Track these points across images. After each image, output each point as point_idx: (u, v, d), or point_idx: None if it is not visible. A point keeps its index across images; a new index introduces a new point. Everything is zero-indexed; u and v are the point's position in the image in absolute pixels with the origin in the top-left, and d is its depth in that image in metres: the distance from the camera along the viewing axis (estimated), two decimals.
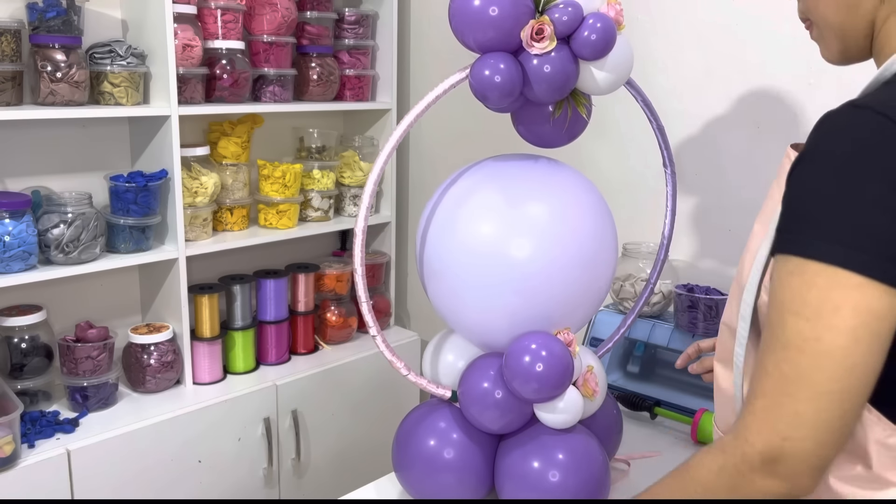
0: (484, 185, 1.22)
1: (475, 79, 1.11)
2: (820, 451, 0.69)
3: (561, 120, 1.19)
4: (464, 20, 1.10)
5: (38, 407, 1.71)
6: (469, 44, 1.13)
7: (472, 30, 1.10)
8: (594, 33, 1.08)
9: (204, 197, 1.86)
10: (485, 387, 1.18)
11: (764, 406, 0.71)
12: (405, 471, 1.27)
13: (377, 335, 1.20)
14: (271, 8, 1.94)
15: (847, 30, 0.82)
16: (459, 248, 1.18)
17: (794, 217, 0.72)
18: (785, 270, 0.71)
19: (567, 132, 1.23)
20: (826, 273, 0.68)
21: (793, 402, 0.69)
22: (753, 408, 0.72)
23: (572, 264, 1.17)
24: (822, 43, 0.87)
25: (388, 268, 2.32)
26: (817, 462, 0.70)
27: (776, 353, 0.71)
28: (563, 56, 1.10)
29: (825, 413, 0.68)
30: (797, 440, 0.69)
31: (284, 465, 1.98)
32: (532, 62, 1.10)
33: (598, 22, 1.09)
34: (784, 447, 0.70)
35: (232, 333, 1.98)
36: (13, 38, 1.59)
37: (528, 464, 1.17)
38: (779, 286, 0.72)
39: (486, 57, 1.10)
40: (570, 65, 1.11)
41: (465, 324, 1.25)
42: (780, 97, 1.59)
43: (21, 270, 1.59)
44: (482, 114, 1.36)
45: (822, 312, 0.68)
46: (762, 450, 0.71)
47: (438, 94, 1.14)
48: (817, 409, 0.68)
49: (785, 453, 0.70)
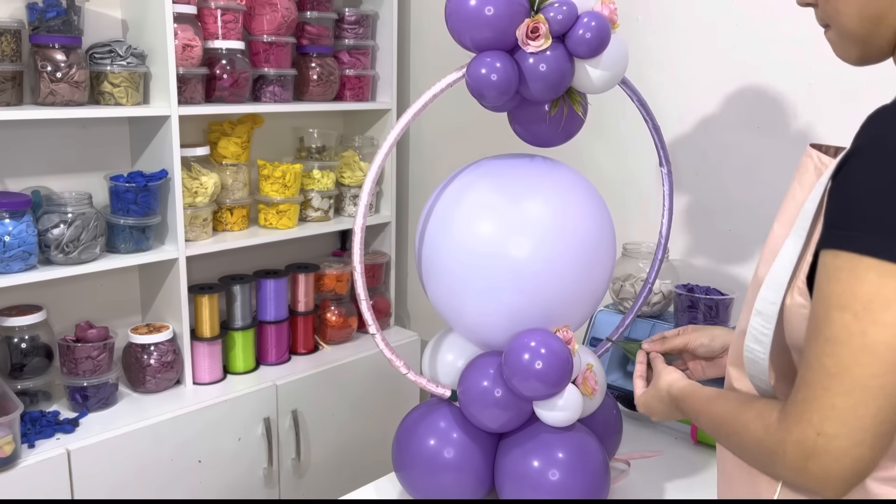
0: (482, 184, 1.22)
1: (472, 77, 1.12)
2: (854, 450, 0.68)
3: (557, 118, 1.20)
4: (460, 20, 1.11)
5: (38, 407, 1.71)
6: (465, 43, 1.14)
7: (468, 29, 1.11)
8: (589, 32, 1.10)
9: (204, 197, 1.86)
10: (484, 385, 1.18)
11: (805, 397, 0.71)
12: (405, 470, 1.27)
13: (377, 333, 1.20)
14: (271, 8, 1.94)
15: (870, 39, 0.80)
16: (458, 248, 1.19)
17: (845, 212, 0.70)
18: (834, 266, 0.70)
19: (563, 131, 1.23)
20: (878, 268, 0.67)
21: (830, 395, 0.68)
22: (796, 398, 0.72)
23: (571, 263, 1.17)
24: (840, 47, 0.85)
25: (388, 268, 2.32)
26: (851, 464, 0.69)
27: (819, 346, 0.70)
28: (559, 54, 1.11)
29: (861, 408, 0.67)
30: (831, 436, 0.68)
31: (284, 465, 1.98)
32: (528, 61, 1.11)
33: (592, 20, 1.10)
34: (818, 443, 0.69)
35: (232, 333, 1.98)
36: (13, 38, 1.59)
37: (527, 463, 1.18)
38: (826, 281, 0.71)
39: (483, 56, 1.12)
40: (565, 63, 1.12)
41: (464, 323, 1.25)
42: (779, 97, 1.59)
43: (21, 270, 1.59)
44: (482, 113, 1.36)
45: (870, 307, 0.67)
46: (797, 439, 0.71)
47: (436, 93, 1.15)
48: (853, 403, 0.67)
49: (818, 449, 0.69)
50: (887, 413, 0.68)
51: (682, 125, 1.73)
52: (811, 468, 0.70)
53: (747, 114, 1.64)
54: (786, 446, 0.72)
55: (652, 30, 1.75)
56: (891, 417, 0.68)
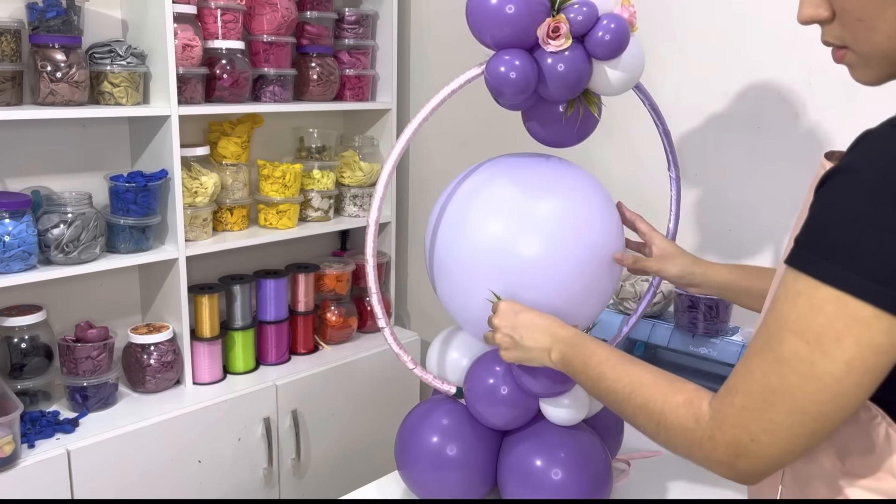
0: (494, 182, 1.22)
1: (491, 74, 1.12)
2: (782, 457, 0.72)
3: (572, 119, 1.20)
4: (481, 17, 1.12)
5: (38, 407, 1.71)
6: (486, 41, 1.14)
7: (489, 27, 1.12)
8: (608, 34, 1.10)
9: (204, 197, 1.86)
10: (491, 383, 1.19)
11: (744, 405, 0.72)
12: (408, 467, 1.28)
13: (386, 327, 1.21)
14: (271, 8, 1.94)
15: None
16: (470, 246, 1.19)
17: (815, 234, 0.70)
18: (794, 290, 0.70)
19: (578, 131, 1.24)
20: (837, 301, 0.67)
21: (772, 411, 0.70)
22: (733, 402, 0.73)
23: (581, 262, 1.18)
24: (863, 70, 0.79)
25: (389, 268, 2.32)
26: (774, 466, 0.73)
27: (768, 363, 0.71)
28: (578, 55, 1.12)
29: (798, 427, 0.70)
30: (765, 444, 0.71)
31: (284, 465, 1.98)
32: (547, 60, 1.11)
33: (612, 23, 1.11)
34: (750, 447, 0.72)
35: (232, 333, 1.98)
36: (13, 38, 1.59)
37: (530, 461, 1.18)
38: (784, 301, 0.71)
39: (502, 53, 1.12)
40: (583, 64, 1.12)
41: (473, 321, 1.25)
42: (780, 97, 1.59)
43: (21, 270, 1.59)
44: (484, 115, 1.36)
45: (822, 339, 0.68)
46: (730, 441, 0.73)
47: (454, 89, 1.16)
48: (792, 423, 0.70)
49: (749, 452, 0.72)
50: (821, 433, 0.71)
51: (682, 125, 1.73)
52: (738, 464, 0.73)
53: (748, 114, 1.64)
54: (716, 443, 0.74)
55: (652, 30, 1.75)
56: (822, 436, 0.71)
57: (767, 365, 0.71)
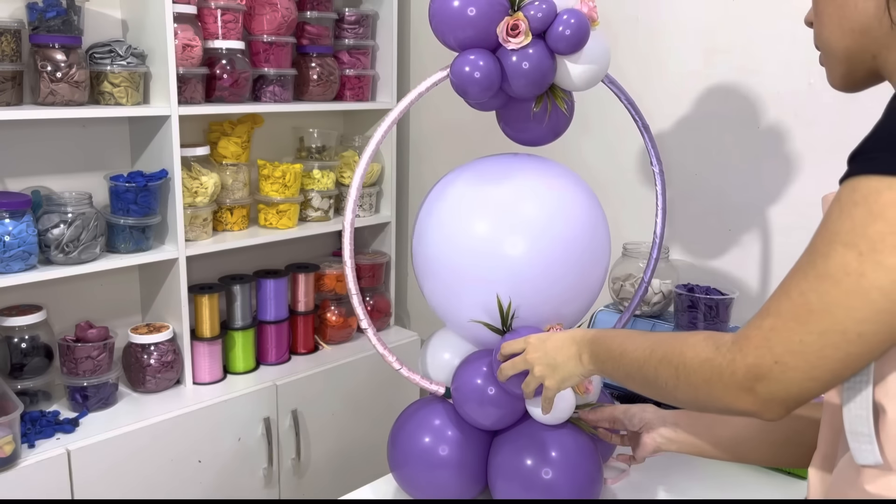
0: (477, 182, 1.23)
1: (455, 75, 1.15)
2: (806, 384, 0.66)
3: (541, 115, 1.22)
4: (443, 20, 1.15)
5: (38, 407, 1.71)
6: (450, 43, 1.17)
7: (451, 29, 1.14)
8: (568, 28, 1.12)
9: (204, 197, 1.86)
10: (477, 383, 1.19)
11: (772, 326, 0.68)
12: (400, 468, 1.28)
13: (369, 328, 1.22)
14: (271, 8, 1.94)
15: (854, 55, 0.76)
16: (452, 245, 1.20)
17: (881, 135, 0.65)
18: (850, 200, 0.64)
19: (550, 128, 1.25)
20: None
21: (802, 331, 0.65)
22: (761, 324, 0.69)
23: (565, 261, 1.18)
24: (828, 70, 0.81)
25: (388, 268, 2.33)
26: (797, 394, 0.68)
27: (807, 281, 0.66)
28: (539, 51, 1.14)
29: (831, 350, 0.64)
30: (789, 367, 0.66)
31: (284, 465, 1.98)
32: (510, 58, 1.14)
33: (571, 17, 1.13)
34: (773, 370, 0.67)
35: (232, 333, 1.98)
36: (13, 38, 1.59)
37: (520, 461, 1.18)
38: (837, 216, 0.65)
39: (466, 53, 1.14)
40: (546, 59, 1.14)
41: (459, 321, 1.26)
42: (780, 97, 1.59)
43: (21, 270, 1.59)
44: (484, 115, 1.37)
45: (878, 247, 0.62)
46: (752, 363, 0.68)
47: (421, 92, 1.20)
48: (825, 344, 0.64)
49: (771, 375, 0.67)
50: (854, 360, 0.65)
51: (682, 125, 1.73)
52: (758, 389, 0.68)
53: (748, 113, 1.64)
54: (736, 366, 0.69)
55: (652, 30, 1.75)
56: (856, 365, 0.66)
57: (807, 283, 0.66)
